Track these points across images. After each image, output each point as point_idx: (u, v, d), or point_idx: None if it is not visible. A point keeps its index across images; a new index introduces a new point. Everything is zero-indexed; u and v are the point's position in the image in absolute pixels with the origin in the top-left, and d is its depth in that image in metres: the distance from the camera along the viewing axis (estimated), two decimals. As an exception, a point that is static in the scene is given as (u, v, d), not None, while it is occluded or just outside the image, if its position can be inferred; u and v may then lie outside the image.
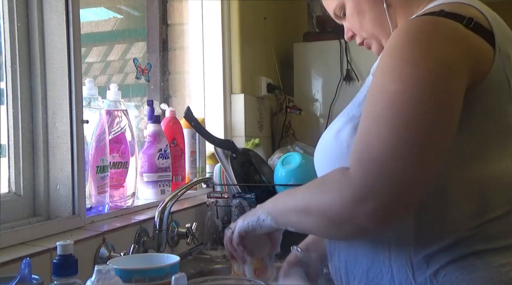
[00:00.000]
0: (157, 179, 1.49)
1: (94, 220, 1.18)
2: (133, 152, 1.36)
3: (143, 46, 1.92)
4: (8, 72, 1.09)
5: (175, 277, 0.76)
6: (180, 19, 2.07)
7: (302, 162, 1.62)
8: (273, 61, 2.56)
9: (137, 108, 1.81)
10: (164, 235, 1.24)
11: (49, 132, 1.12)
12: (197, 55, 2.10)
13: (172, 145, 1.59)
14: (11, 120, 1.09)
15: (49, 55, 1.12)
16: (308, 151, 2.01)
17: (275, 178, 1.66)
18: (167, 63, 2.02)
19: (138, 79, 1.57)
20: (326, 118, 2.54)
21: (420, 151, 0.74)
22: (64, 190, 1.12)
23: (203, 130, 1.65)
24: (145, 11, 1.94)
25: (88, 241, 1.06)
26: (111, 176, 1.27)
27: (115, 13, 1.79)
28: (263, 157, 1.90)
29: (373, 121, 0.78)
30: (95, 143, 1.20)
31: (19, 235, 0.99)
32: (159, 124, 1.53)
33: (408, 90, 0.75)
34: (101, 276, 0.73)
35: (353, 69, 2.52)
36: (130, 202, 1.35)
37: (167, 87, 2.01)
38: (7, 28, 1.09)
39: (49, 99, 1.12)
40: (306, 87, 2.64)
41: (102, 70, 1.75)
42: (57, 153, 1.12)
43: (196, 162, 1.78)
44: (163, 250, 1.25)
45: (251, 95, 2.27)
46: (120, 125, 1.32)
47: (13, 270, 0.81)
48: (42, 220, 1.10)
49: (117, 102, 1.33)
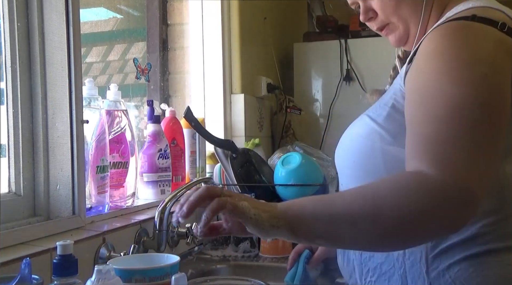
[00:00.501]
0: (157, 179, 1.49)
1: (94, 220, 1.18)
2: (133, 152, 1.36)
3: (143, 46, 1.92)
4: (8, 72, 1.09)
5: (175, 277, 0.76)
6: (180, 19, 2.07)
7: (302, 162, 1.62)
8: (273, 61, 2.56)
9: (137, 108, 1.81)
10: (164, 235, 1.24)
11: (49, 132, 1.12)
12: (197, 55, 2.10)
13: (172, 145, 1.59)
14: (11, 120, 1.09)
15: (49, 55, 1.12)
16: (308, 150, 2.01)
17: (275, 178, 1.66)
18: (167, 63, 2.02)
19: (138, 79, 1.57)
20: (326, 118, 2.54)
21: (488, 151, 0.75)
22: (64, 190, 1.12)
23: (203, 130, 1.65)
24: (145, 11, 1.94)
25: (88, 241, 1.06)
26: (111, 176, 1.27)
27: (115, 13, 1.79)
28: (263, 157, 1.90)
29: (442, 124, 0.76)
30: (95, 143, 1.20)
31: (19, 235, 0.98)
32: (159, 124, 1.53)
33: (472, 94, 0.76)
34: (101, 276, 0.73)
35: (353, 69, 2.52)
36: (130, 202, 1.35)
37: (167, 87, 2.01)
38: (7, 28, 1.09)
39: (49, 99, 1.12)
40: (306, 87, 2.64)
41: (102, 70, 1.75)
42: (57, 153, 1.12)
43: (196, 162, 1.78)
44: (163, 250, 1.25)
45: (251, 95, 2.27)
46: (120, 125, 1.32)
47: (13, 270, 0.81)
48: (42, 220, 1.10)
49: (117, 102, 1.33)
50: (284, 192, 1.63)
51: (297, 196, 1.60)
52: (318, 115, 2.60)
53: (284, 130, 2.47)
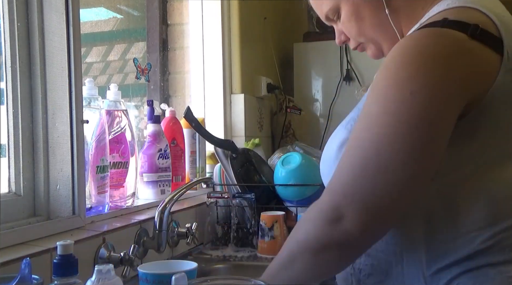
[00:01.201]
0: (157, 179, 1.49)
1: (94, 220, 1.18)
2: (133, 152, 1.36)
3: (143, 46, 1.92)
4: (8, 72, 1.09)
5: (175, 277, 0.76)
6: (180, 19, 2.07)
7: (302, 162, 1.62)
8: (273, 61, 2.56)
9: (137, 108, 1.81)
10: (164, 235, 1.24)
11: (49, 132, 1.12)
12: (197, 55, 2.10)
13: (172, 145, 1.59)
14: (11, 120, 1.09)
15: (49, 55, 1.12)
16: (308, 150, 2.01)
17: (275, 178, 1.66)
18: (167, 63, 2.02)
19: (138, 79, 1.57)
20: (326, 118, 2.54)
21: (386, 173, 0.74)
22: (64, 190, 1.12)
23: (203, 130, 1.65)
24: (145, 11, 1.94)
25: (88, 241, 1.06)
26: (111, 176, 1.27)
27: (115, 13, 1.79)
28: (263, 157, 1.90)
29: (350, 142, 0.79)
30: (95, 143, 1.20)
31: (19, 235, 0.98)
32: (159, 124, 1.53)
33: (386, 112, 0.75)
34: (101, 276, 0.73)
35: (353, 69, 2.52)
36: (130, 202, 1.35)
37: (167, 87, 2.01)
38: (7, 28, 1.09)
39: (49, 99, 1.12)
40: (306, 87, 2.64)
41: (102, 70, 1.75)
42: (57, 153, 1.12)
43: (196, 162, 1.78)
44: (163, 250, 1.25)
45: (251, 95, 2.27)
46: (120, 125, 1.32)
47: (13, 270, 0.81)
48: (42, 220, 1.10)
49: (117, 102, 1.33)
50: (284, 192, 1.63)
51: (297, 195, 1.62)
52: (318, 115, 2.60)
53: (284, 130, 2.47)
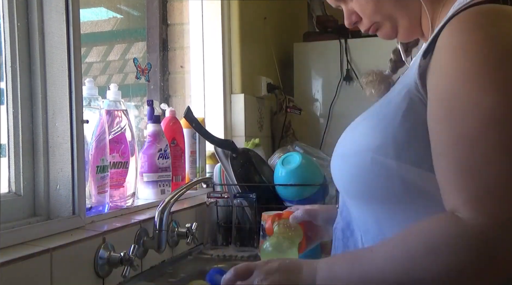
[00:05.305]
0: (157, 179, 1.49)
1: (94, 220, 1.18)
2: (133, 152, 1.36)
3: (143, 46, 1.92)
4: (8, 72, 1.09)
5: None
6: (180, 19, 2.07)
7: (302, 161, 1.62)
8: (273, 61, 2.56)
9: (137, 108, 1.81)
10: (164, 235, 1.24)
11: (49, 132, 1.12)
12: (197, 55, 2.10)
13: (172, 145, 1.59)
14: (11, 120, 1.09)
15: (49, 55, 1.12)
16: (308, 150, 2.01)
17: (275, 178, 1.66)
18: (167, 63, 2.02)
19: (138, 79, 1.57)
20: (326, 118, 2.54)
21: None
22: (64, 190, 1.11)
23: (203, 130, 1.65)
24: (145, 11, 1.95)
25: (88, 241, 1.06)
26: (111, 176, 1.27)
27: (115, 13, 1.79)
28: (263, 157, 1.90)
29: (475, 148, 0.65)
30: (95, 143, 1.20)
31: (19, 235, 0.98)
32: (159, 124, 1.53)
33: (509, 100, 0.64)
34: None
35: (353, 69, 2.52)
36: (130, 202, 1.35)
37: (167, 87, 2.01)
38: (7, 28, 1.09)
39: (49, 99, 1.12)
40: (306, 87, 2.64)
41: (102, 70, 1.75)
42: (57, 153, 1.12)
43: (196, 162, 1.78)
44: (163, 250, 1.25)
45: (251, 95, 2.27)
46: (120, 125, 1.32)
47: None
48: (42, 220, 1.10)
49: (117, 102, 1.33)
50: (284, 192, 1.63)
51: (297, 196, 1.62)
52: (318, 115, 2.60)
53: (284, 130, 2.47)
